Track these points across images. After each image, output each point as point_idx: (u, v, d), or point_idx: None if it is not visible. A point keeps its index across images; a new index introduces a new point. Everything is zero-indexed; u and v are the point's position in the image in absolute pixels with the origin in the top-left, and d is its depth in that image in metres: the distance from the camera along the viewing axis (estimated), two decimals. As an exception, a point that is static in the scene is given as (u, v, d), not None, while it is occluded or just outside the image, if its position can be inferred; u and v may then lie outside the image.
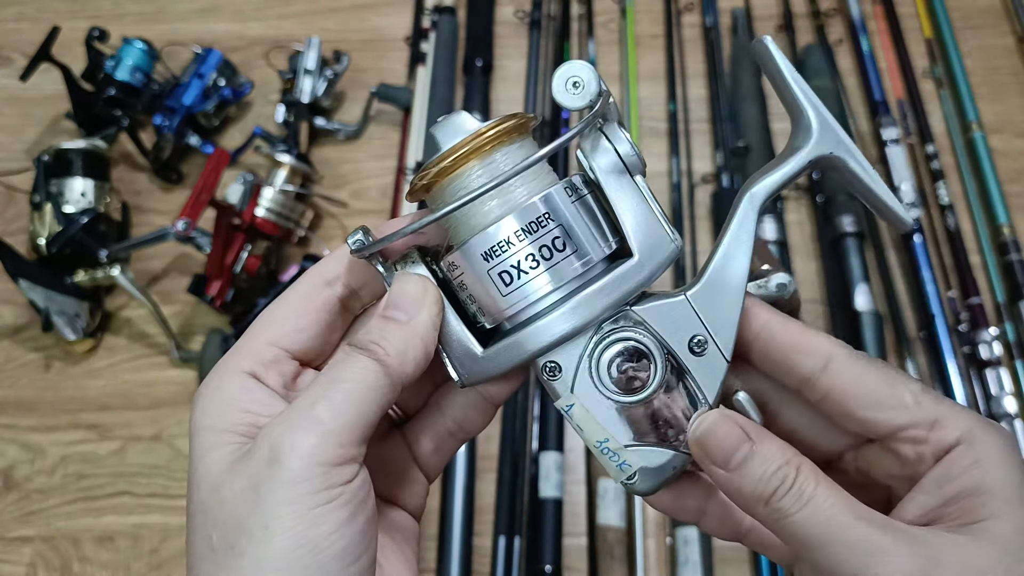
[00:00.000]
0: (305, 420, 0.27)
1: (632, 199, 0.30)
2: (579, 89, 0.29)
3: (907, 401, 0.29)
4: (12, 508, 0.81)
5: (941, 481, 0.28)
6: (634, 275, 0.29)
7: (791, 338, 0.30)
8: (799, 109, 0.30)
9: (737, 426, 0.29)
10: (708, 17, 1.09)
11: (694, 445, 0.29)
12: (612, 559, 0.72)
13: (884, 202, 0.31)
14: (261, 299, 0.85)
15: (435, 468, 0.36)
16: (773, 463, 0.27)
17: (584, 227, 0.30)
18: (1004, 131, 0.99)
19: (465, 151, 0.29)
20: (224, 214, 0.83)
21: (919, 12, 1.09)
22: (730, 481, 0.28)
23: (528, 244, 0.29)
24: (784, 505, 0.27)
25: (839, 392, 0.29)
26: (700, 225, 0.93)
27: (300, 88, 0.99)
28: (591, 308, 0.29)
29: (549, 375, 0.30)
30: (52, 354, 0.89)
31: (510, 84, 1.07)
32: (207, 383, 0.30)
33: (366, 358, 0.28)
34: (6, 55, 1.13)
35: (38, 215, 0.89)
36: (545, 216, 0.29)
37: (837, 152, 0.30)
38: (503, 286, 0.29)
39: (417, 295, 0.30)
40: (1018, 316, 0.83)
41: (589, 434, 0.31)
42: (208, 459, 0.28)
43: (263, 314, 0.32)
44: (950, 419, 0.28)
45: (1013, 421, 0.76)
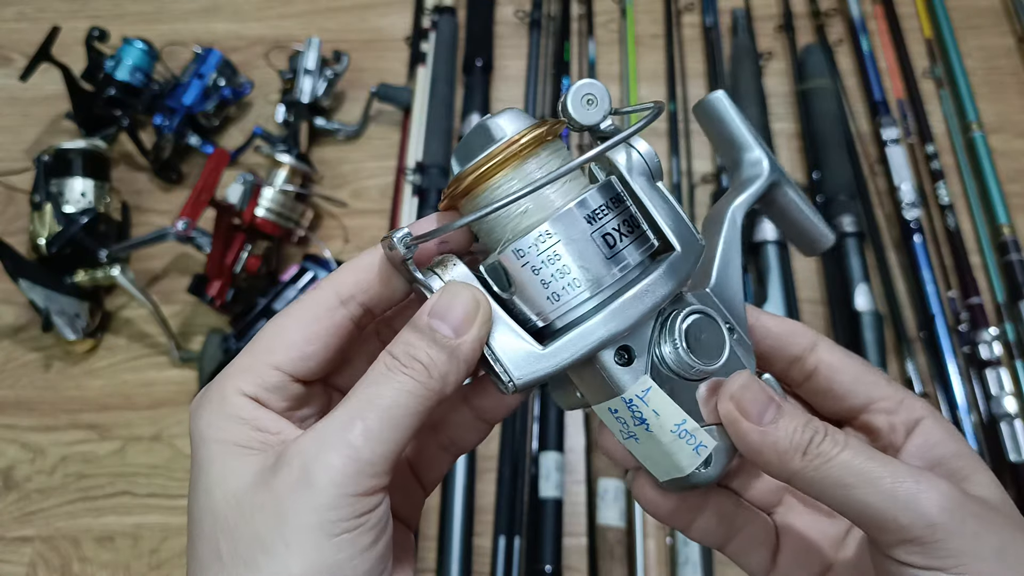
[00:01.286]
0: (341, 444, 0.26)
1: (660, 200, 0.32)
2: (593, 106, 0.30)
3: (882, 380, 0.33)
4: (12, 508, 0.81)
5: (925, 447, 0.31)
6: (683, 264, 0.31)
7: (785, 325, 0.34)
8: (749, 148, 0.36)
9: (764, 388, 0.30)
10: (708, 17, 1.09)
11: (727, 401, 0.29)
12: (612, 559, 0.72)
13: (811, 219, 0.37)
14: (261, 299, 0.85)
15: (431, 481, 0.35)
16: (802, 418, 0.29)
17: (632, 221, 0.30)
18: (1004, 131, 0.99)
19: (507, 154, 0.29)
20: (224, 214, 0.83)
21: (919, 12, 1.09)
22: (765, 436, 0.28)
23: (591, 235, 0.29)
24: (825, 448, 0.28)
25: (827, 366, 0.33)
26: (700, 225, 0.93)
27: (300, 88, 0.99)
28: (658, 291, 0.29)
29: (620, 361, 0.30)
30: (52, 354, 0.89)
31: (510, 84, 1.07)
32: (208, 398, 0.29)
33: (409, 379, 0.27)
34: (6, 55, 1.13)
35: (38, 215, 0.89)
36: (604, 207, 0.29)
37: (781, 180, 0.36)
38: (606, 250, 0.29)
39: (469, 310, 0.28)
40: (1018, 316, 0.83)
41: (666, 418, 0.30)
42: (222, 465, 0.27)
43: (269, 329, 0.30)
44: (912, 400, 0.33)
45: (1013, 421, 0.76)
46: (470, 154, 0.30)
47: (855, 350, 0.80)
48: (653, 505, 0.33)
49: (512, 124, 0.30)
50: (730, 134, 0.36)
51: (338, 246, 0.95)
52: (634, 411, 0.30)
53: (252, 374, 0.29)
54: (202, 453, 0.28)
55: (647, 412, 0.30)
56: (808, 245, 0.38)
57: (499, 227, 0.30)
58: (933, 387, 0.80)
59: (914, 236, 0.89)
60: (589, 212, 0.29)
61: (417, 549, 0.75)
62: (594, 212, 0.29)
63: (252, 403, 0.29)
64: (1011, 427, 0.76)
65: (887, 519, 0.26)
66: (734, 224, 0.34)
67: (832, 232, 0.37)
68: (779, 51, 1.08)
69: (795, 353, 0.34)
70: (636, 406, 0.30)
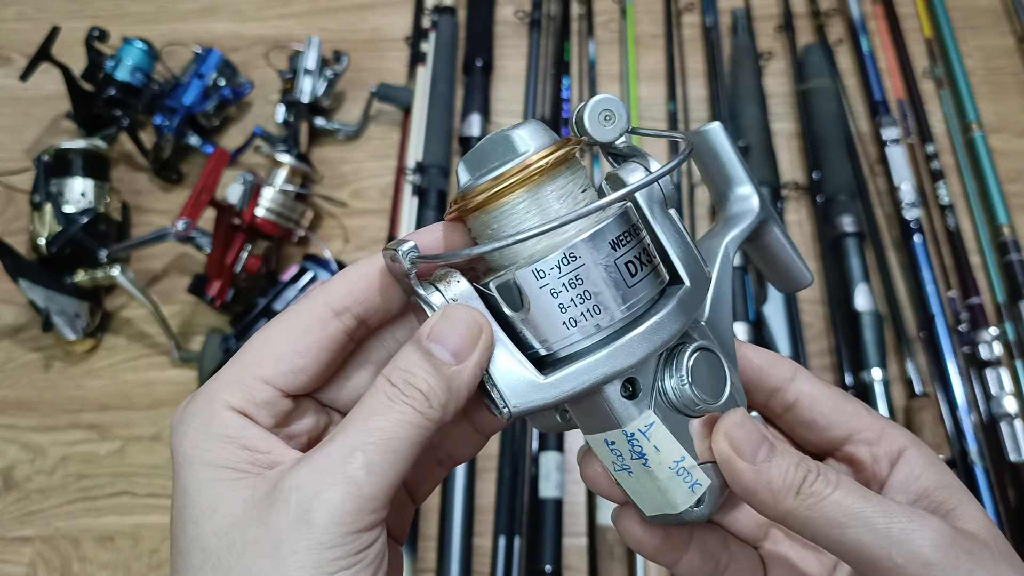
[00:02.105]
0: (341, 479, 0.25)
1: (672, 229, 0.31)
2: (611, 122, 0.30)
3: (862, 410, 0.33)
4: (12, 508, 0.81)
5: (909, 479, 0.31)
6: (692, 298, 0.30)
7: (765, 357, 0.34)
8: (742, 183, 0.36)
9: (758, 426, 0.29)
10: (708, 17, 1.09)
11: (721, 439, 0.29)
12: (612, 559, 0.72)
13: (794, 258, 0.37)
14: (261, 299, 0.85)
15: (422, 494, 0.35)
16: (795, 457, 0.29)
17: (646, 253, 0.29)
18: (1004, 131, 0.99)
19: (525, 175, 0.27)
20: (224, 214, 0.83)
21: (919, 12, 1.09)
22: (759, 475, 0.28)
23: (613, 263, 0.28)
24: (818, 488, 0.28)
25: (807, 397, 0.33)
26: (700, 225, 0.93)
27: (300, 88, 0.99)
28: (669, 328, 0.28)
29: (625, 394, 0.29)
30: (52, 354, 0.89)
31: (510, 84, 1.07)
32: (193, 413, 0.27)
33: (409, 408, 0.26)
34: (6, 55, 1.13)
35: (38, 215, 0.89)
36: (626, 234, 0.28)
37: (770, 218, 0.36)
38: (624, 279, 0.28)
39: (470, 335, 0.27)
40: (1018, 316, 0.83)
41: (666, 455, 0.29)
42: (210, 494, 0.26)
43: (258, 340, 0.29)
44: (893, 429, 0.32)
45: (1013, 421, 0.76)
46: (484, 164, 0.28)
47: (855, 350, 0.81)
48: (639, 543, 0.33)
49: (534, 140, 0.28)
50: (723, 167, 0.36)
51: (338, 246, 0.95)
52: (634, 445, 0.29)
53: (240, 388, 0.28)
54: (187, 477, 0.26)
55: (647, 447, 0.29)
56: (787, 282, 0.38)
57: (513, 249, 0.28)
58: (933, 387, 0.80)
59: (914, 236, 0.89)
60: (614, 238, 0.28)
61: (416, 563, 0.75)
62: (618, 239, 0.28)
63: (240, 419, 0.27)
64: (1011, 427, 0.76)
65: (881, 558, 0.26)
66: (727, 258, 0.34)
67: (810, 275, 0.38)
68: (779, 51, 1.08)
69: (775, 384, 0.34)
70: (637, 440, 0.29)
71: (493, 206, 0.28)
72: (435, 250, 0.30)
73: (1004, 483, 0.74)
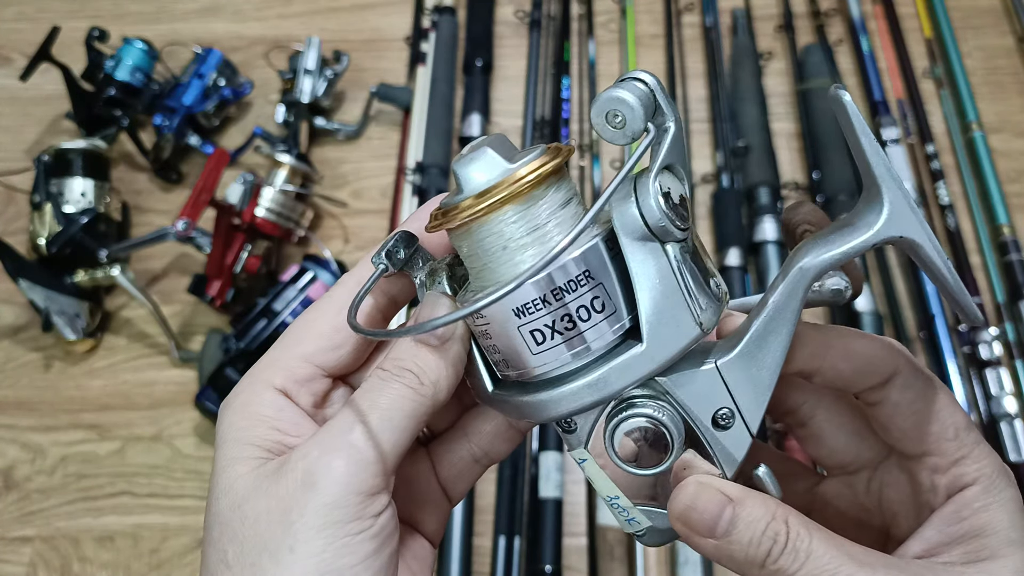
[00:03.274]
0: (342, 445, 0.27)
1: (653, 271, 0.26)
2: (620, 125, 0.26)
3: (948, 435, 0.29)
4: (12, 508, 0.81)
5: (951, 520, 0.28)
6: (640, 366, 0.26)
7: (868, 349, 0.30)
8: (872, 181, 0.26)
9: (715, 490, 0.27)
10: (708, 17, 1.09)
11: (675, 522, 0.27)
12: (612, 559, 0.72)
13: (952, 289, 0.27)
14: (261, 299, 0.85)
15: (458, 492, 0.35)
16: (761, 522, 0.26)
17: (616, 292, 0.27)
18: (1004, 131, 0.99)
19: (502, 197, 0.26)
20: (224, 214, 0.83)
21: (919, 12, 1.09)
22: (719, 550, 0.27)
23: (561, 306, 0.26)
24: (783, 565, 0.26)
25: (891, 406, 0.29)
26: (700, 225, 0.93)
27: (300, 88, 0.99)
28: (611, 385, 0.27)
29: (565, 428, 0.30)
30: (52, 354, 0.89)
31: (510, 84, 1.07)
32: (236, 394, 0.30)
33: (403, 386, 0.28)
34: (6, 55, 1.13)
35: (38, 215, 0.89)
36: (584, 275, 0.26)
37: (908, 235, 0.26)
38: (535, 345, 0.27)
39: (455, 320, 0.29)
40: (1018, 316, 0.83)
41: (600, 489, 0.30)
42: (231, 472, 0.28)
43: (297, 325, 0.31)
44: (974, 459, 0.28)
45: (1013, 421, 0.76)
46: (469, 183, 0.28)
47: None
48: None
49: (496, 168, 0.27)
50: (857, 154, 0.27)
51: (338, 246, 0.95)
52: (582, 470, 0.31)
53: (282, 367, 0.30)
54: (219, 456, 0.28)
55: (587, 476, 0.31)
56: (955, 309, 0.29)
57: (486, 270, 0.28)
58: (933, 387, 0.80)
59: (914, 236, 0.88)
60: (518, 306, 0.27)
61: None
62: (524, 307, 0.27)
63: (280, 399, 0.29)
64: (1011, 427, 0.76)
65: None
66: (799, 283, 0.27)
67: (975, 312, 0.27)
68: (779, 51, 1.08)
69: (868, 385, 0.30)
70: (581, 467, 0.31)
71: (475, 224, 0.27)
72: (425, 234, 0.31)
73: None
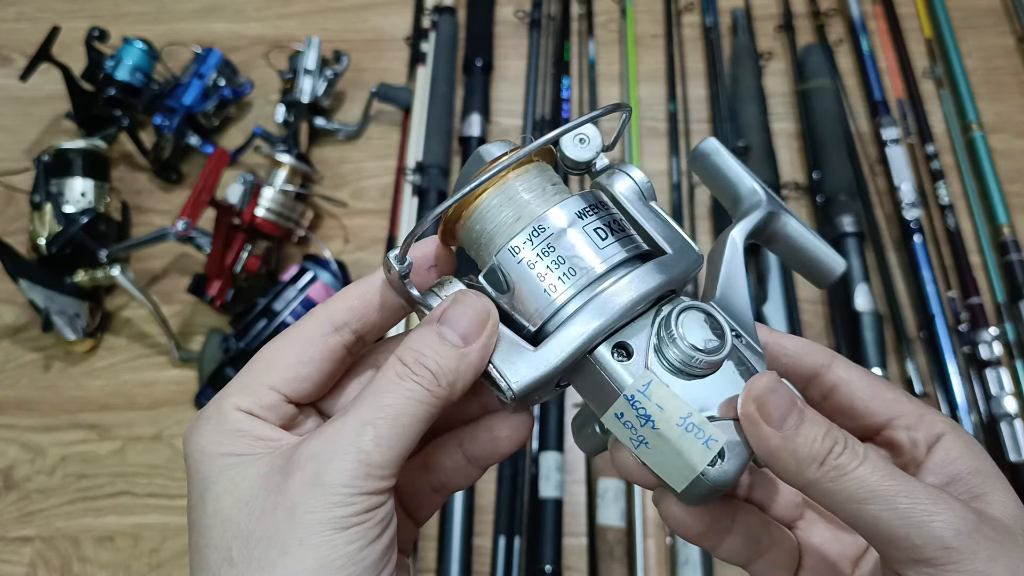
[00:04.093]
0: (352, 449, 0.27)
1: (654, 217, 0.33)
2: (585, 144, 0.33)
3: (902, 396, 0.33)
4: (12, 508, 0.81)
5: (944, 462, 0.31)
6: (674, 264, 0.31)
7: (800, 344, 0.34)
8: (743, 182, 0.36)
9: (788, 388, 0.29)
10: (708, 17, 1.09)
11: (750, 403, 0.28)
12: (612, 559, 0.72)
13: (819, 247, 0.36)
14: (261, 299, 0.85)
15: (422, 519, 0.36)
16: (823, 425, 0.28)
17: (619, 223, 0.32)
18: (1004, 131, 0.99)
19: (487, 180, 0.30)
20: (224, 214, 0.83)
21: (919, 12, 1.09)
22: (784, 443, 0.28)
23: (581, 229, 0.30)
24: (843, 462, 0.27)
25: (845, 384, 0.33)
26: (700, 225, 0.93)
27: (300, 88, 0.99)
28: (646, 283, 0.30)
29: (618, 358, 0.30)
30: (52, 354, 0.89)
31: (510, 84, 1.07)
32: (204, 417, 0.30)
33: (419, 386, 0.28)
34: (6, 55, 1.13)
35: (38, 215, 0.89)
36: (593, 207, 0.31)
37: (779, 209, 0.36)
38: (600, 240, 0.30)
39: (479, 319, 0.29)
40: (1018, 316, 0.83)
41: (670, 412, 0.29)
42: (231, 473, 0.28)
43: (264, 353, 0.31)
44: (932, 415, 0.32)
45: (1013, 421, 0.76)
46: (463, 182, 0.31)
47: (855, 350, 0.81)
48: (682, 525, 0.32)
49: (498, 149, 0.32)
50: (725, 176, 0.37)
51: (338, 246, 0.95)
52: (638, 409, 0.29)
53: (248, 393, 0.30)
54: (206, 466, 0.28)
55: (651, 407, 0.29)
56: (818, 276, 0.37)
57: (494, 241, 0.31)
58: (933, 387, 0.80)
59: (914, 236, 0.89)
60: (578, 210, 0.31)
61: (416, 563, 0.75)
62: (582, 210, 0.31)
63: (249, 417, 0.29)
64: (1011, 427, 0.76)
65: (900, 537, 0.26)
66: (735, 246, 0.34)
67: (842, 260, 0.37)
68: (779, 51, 1.08)
69: (812, 371, 0.34)
70: (639, 403, 0.29)
71: (471, 210, 0.31)
72: (427, 260, 0.32)
73: (1004, 483, 0.74)
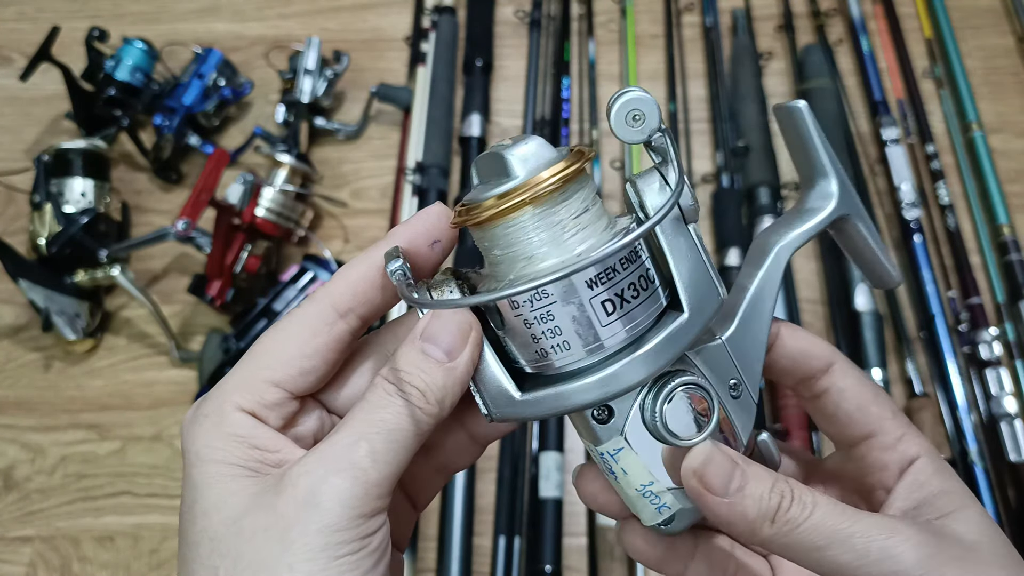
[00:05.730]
0: (346, 467, 0.26)
1: (685, 249, 0.29)
2: (639, 123, 0.28)
3: (887, 413, 0.32)
4: (12, 508, 0.81)
5: (913, 487, 0.31)
6: (686, 333, 0.28)
7: (803, 343, 0.33)
8: (823, 171, 0.33)
9: (726, 453, 0.29)
10: (708, 17, 1.09)
11: (692, 477, 0.29)
12: (612, 559, 0.72)
13: (879, 258, 0.34)
14: (261, 299, 0.85)
15: (423, 502, 0.35)
16: (767, 481, 0.28)
17: (644, 279, 0.29)
18: (1004, 131, 0.99)
19: (523, 198, 0.27)
20: (224, 214, 0.83)
21: (919, 12, 1.09)
22: (732, 507, 0.28)
23: (587, 302, 0.28)
24: (793, 515, 0.28)
25: (836, 392, 0.33)
26: (700, 225, 0.93)
27: (300, 88, 0.99)
28: (652, 364, 0.28)
29: (597, 417, 0.29)
30: (52, 354, 0.89)
31: (510, 84, 1.07)
32: (203, 413, 0.29)
33: (406, 403, 0.27)
34: (6, 55, 1.13)
35: (38, 215, 0.89)
36: (608, 272, 0.28)
37: (852, 214, 0.32)
38: (604, 316, 0.28)
39: (461, 334, 0.28)
40: (1018, 316, 0.83)
41: (633, 477, 0.30)
42: (220, 488, 0.27)
43: (265, 342, 0.30)
44: (911, 438, 0.32)
45: (1013, 421, 0.76)
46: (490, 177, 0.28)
47: (855, 350, 0.81)
48: (642, 555, 0.33)
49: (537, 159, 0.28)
50: (807, 152, 0.33)
51: (338, 246, 0.95)
52: (605, 463, 0.31)
53: (250, 390, 0.29)
54: (198, 474, 0.28)
55: (616, 469, 0.30)
56: (873, 279, 0.36)
57: (498, 268, 0.29)
58: (933, 387, 0.80)
59: (914, 236, 0.89)
60: (592, 276, 0.27)
61: (416, 563, 0.75)
62: (599, 276, 0.27)
63: (250, 419, 0.28)
64: (1011, 427, 0.75)
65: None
66: (777, 264, 0.31)
67: (899, 273, 0.35)
68: (779, 51, 1.08)
69: (808, 373, 0.33)
70: (607, 461, 0.30)
71: (499, 222, 0.28)
72: (430, 235, 0.30)
73: (1004, 483, 0.74)
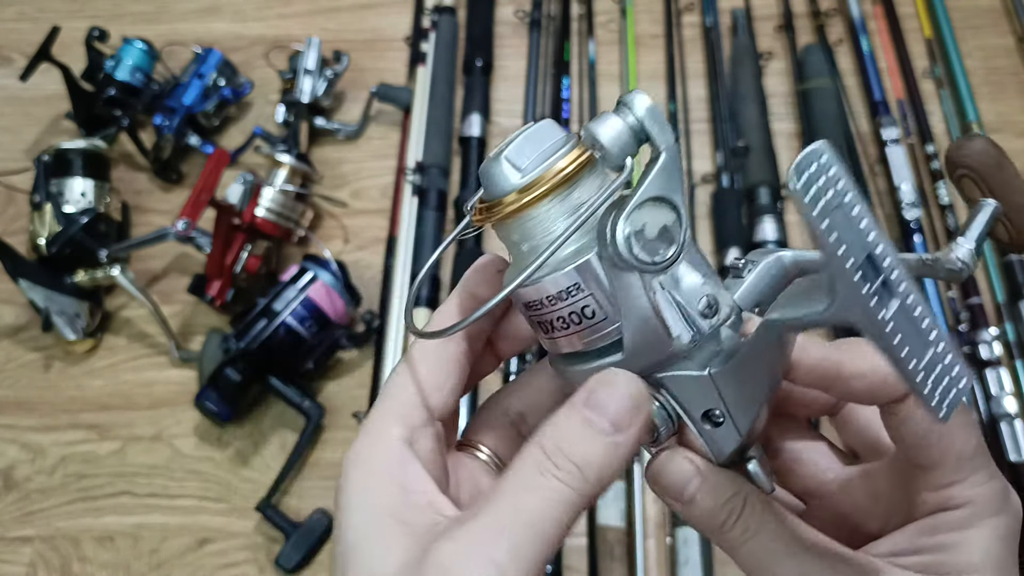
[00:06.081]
0: (486, 562, 0.24)
1: (629, 295, 0.27)
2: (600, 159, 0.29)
3: (950, 456, 0.28)
4: (12, 508, 0.81)
5: (924, 531, 0.28)
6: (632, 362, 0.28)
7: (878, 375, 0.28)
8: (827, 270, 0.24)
9: (687, 461, 0.29)
10: (708, 17, 1.09)
11: (651, 483, 0.30)
12: (612, 559, 0.72)
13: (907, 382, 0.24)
14: (261, 299, 0.85)
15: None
16: (723, 495, 0.28)
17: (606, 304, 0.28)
18: (1004, 131, 0.99)
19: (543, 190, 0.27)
20: (224, 214, 0.83)
21: (919, 12, 1.09)
22: (684, 512, 0.29)
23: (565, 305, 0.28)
24: (733, 536, 0.28)
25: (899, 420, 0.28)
26: (700, 225, 0.93)
27: (300, 88, 0.99)
28: None
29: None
30: (52, 354, 0.89)
31: (510, 84, 1.07)
32: (362, 448, 0.29)
33: (562, 484, 0.25)
34: (6, 55, 1.13)
35: (38, 215, 0.89)
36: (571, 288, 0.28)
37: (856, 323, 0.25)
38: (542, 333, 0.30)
39: (636, 404, 0.26)
40: (1018, 316, 0.83)
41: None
42: (367, 547, 0.27)
43: (406, 368, 0.30)
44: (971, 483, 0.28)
45: (1013, 421, 0.76)
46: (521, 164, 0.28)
47: (855, 350, 0.81)
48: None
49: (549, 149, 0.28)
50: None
51: (338, 246, 0.95)
52: None
53: (399, 414, 0.29)
54: (348, 518, 0.27)
55: None
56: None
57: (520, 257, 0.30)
58: (933, 387, 0.80)
59: (914, 236, 0.88)
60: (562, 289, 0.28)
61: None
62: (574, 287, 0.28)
63: (405, 452, 0.28)
64: (1011, 427, 0.76)
65: None
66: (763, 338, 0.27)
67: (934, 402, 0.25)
68: (779, 51, 1.08)
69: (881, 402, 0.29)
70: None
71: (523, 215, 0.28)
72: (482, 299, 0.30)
73: (1004, 483, 0.74)
